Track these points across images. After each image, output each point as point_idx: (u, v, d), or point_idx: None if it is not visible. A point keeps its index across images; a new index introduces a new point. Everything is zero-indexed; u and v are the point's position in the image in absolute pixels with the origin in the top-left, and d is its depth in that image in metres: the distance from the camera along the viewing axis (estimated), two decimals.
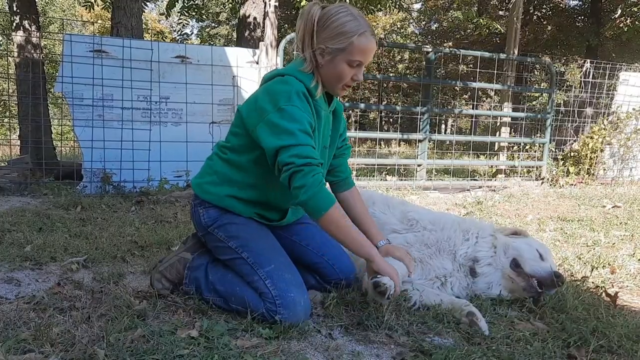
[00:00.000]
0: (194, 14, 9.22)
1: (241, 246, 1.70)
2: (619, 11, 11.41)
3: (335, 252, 1.91)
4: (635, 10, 10.94)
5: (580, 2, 15.03)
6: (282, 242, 1.81)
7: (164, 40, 11.96)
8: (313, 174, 1.54)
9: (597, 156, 6.50)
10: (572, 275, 2.39)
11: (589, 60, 7.15)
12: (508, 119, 8.22)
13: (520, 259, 1.94)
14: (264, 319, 1.60)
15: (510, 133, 8.64)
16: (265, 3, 5.91)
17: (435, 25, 20.38)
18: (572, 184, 6.10)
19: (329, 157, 1.87)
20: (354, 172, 5.93)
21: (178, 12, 9.32)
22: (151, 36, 15.51)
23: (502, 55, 6.98)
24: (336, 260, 1.90)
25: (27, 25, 5.48)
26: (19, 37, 5.47)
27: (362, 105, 9.29)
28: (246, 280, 1.68)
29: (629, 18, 11.13)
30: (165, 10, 8.63)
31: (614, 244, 3.09)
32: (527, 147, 6.89)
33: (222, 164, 1.76)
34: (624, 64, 7.45)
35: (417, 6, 20.11)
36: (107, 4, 7.40)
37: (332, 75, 1.67)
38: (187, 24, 9.94)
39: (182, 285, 1.82)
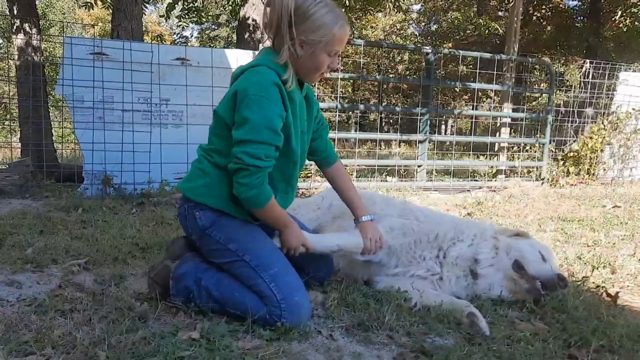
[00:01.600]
0: (193, 16, 9.24)
1: (242, 249, 1.68)
2: (619, 11, 11.42)
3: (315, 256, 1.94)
4: (635, 10, 10.95)
5: (580, 3, 15.04)
6: None
7: (163, 42, 11.98)
8: (257, 176, 1.61)
9: (596, 156, 6.50)
10: (573, 276, 2.39)
11: (588, 61, 7.15)
12: (508, 120, 8.23)
13: (523, 260, 1.94)
14: (265, 322, 1.59)
15: (510, 134, 8.65)
16: (265, 5, 5.92)
17: (434, 27, 20.40)
18: (572, 184, 6.10)
19: (307, 141, 1.88)
20: (354, 173, 5.93)
21: (177, 17, 9.34)
22: (151, 39, 15.53)
23: (502, 56, 6.99)
24: (316, 266, 1.95)
25: (27, 28, 5.49)
26: (19, 39, 5.48)
27: (362, 107, 9.30)
28: (247, 284, 1.65)
29: (628, 18, 11.15)
30: (165, 13, 8.65)
31: (614, 244, 3.09)
32: (527, 148, 6.89)
33: (211, 167, 1.74)
34: (623, 64, 7.46)
35: (416, 7, 20.13)
36: (108, 4, 7.42)
37: (311, 65, 1.69)
38: (187, 27, 9.96)
39: (169, 296, 1.77)
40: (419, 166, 6.10)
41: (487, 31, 12.06)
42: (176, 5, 8.43)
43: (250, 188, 1.61)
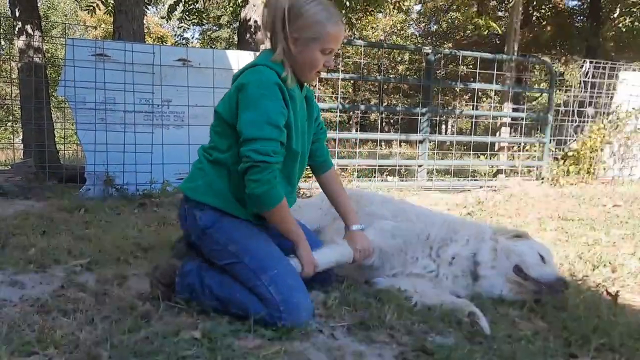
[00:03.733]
0: (194, 17, 9.25)
1: (241, 250, 1.68)
2: (618, 11, 11.41)
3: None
4: (634, 10, 10.95)
5: (580, 3, 15.04)
6: None
7: (164, 44, 12.00)
8: (269, 171, 1.61)
9: (596, 155, 6.50)
10: (573, 275, 2.39)
11: (588, 60, 7.15)
12: (508, 119, 8.23)
13: (523, 264, 1.94)
14: (267, 323, 1.59)
15: (510, 133, 8.65)
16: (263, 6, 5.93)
17: (434, 27, 20.42)
18: (573, 184, 6.10)
19: (308, 142, 1.89)
20: (355, 174, 5.94)
21: (178, 19, 9.36)
22: (153, 40, 15.56)
23: (502, 56, 6.99)
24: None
25: (29, 30, 5.50)
26: (21, 41, 5.49)
27: (362, 107, 9.31)
28: (247, 286, 1.65)
29: (627, 18, 11.14)
30: (166, 14, 8.68)
31: (614, 243, 3.09)
32: (527, 147, 6.90)
33: (211, 167, 1.76)
34: (623, 63, 7.45)
35: (417, 8, 20.14)
36: (109, 9, 7.43)
37: (306, 63, 1.71)
38: (188, 29, 9.97)
39: (172, 296, 1.77)
40: (419, 166, 6.10)
41: (487, 31, 12.05)
42: (177, 7, 8.46)
43: (262, 184, 1.61)
